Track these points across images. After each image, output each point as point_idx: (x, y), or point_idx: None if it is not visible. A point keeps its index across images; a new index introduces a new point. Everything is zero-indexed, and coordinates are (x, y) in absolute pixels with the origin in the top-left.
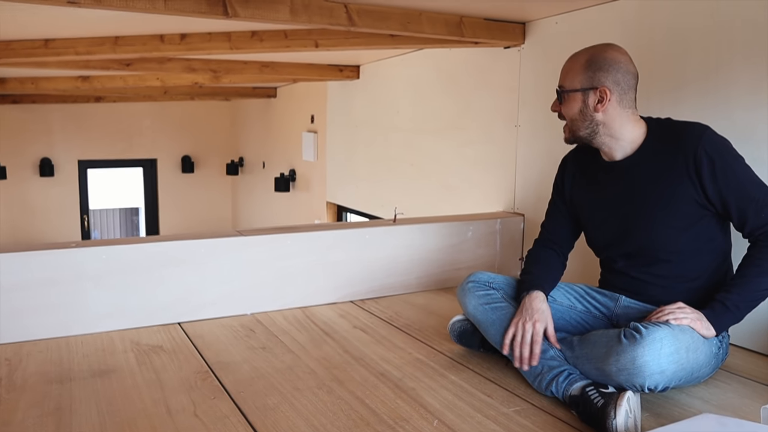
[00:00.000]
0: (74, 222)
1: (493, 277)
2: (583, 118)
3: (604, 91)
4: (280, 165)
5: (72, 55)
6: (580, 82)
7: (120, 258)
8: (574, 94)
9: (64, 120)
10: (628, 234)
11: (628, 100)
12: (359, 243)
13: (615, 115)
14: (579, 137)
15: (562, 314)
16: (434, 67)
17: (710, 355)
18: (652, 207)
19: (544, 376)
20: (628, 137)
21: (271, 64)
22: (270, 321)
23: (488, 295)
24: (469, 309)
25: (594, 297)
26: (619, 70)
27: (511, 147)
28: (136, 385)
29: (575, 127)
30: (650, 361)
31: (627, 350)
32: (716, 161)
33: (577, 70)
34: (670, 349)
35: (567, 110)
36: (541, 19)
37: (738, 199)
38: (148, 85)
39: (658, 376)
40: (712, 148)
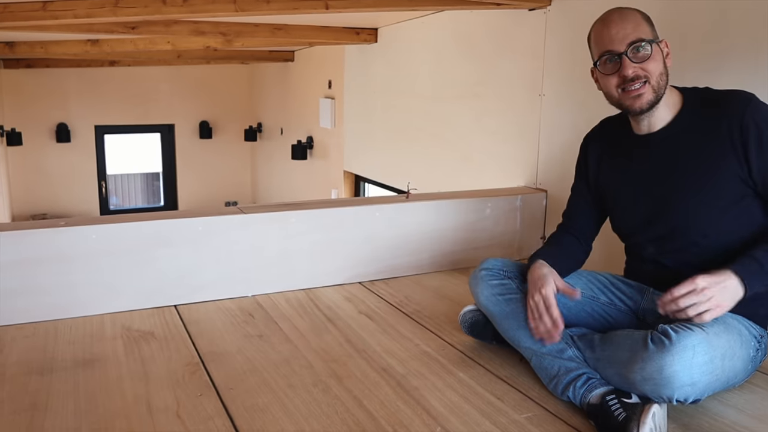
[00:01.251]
0: (92, 188)
1: (509, 264)
2: (665, 73)
3: (666, 43)
4: (297, 132)
5: (71, 18)
6: (653, 34)
7: (111, 237)
8: (657, 46)
9: (80, 85)
10: (661, 214)
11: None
12: (369, 221)
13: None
14: (660, 96)
15: (584, 306)
16: (454, 31)
17: (747, 359)
18: (691, 182)
19: (560, 379)
20: (670, 102)
21: (283, 27)
22: (271, 304)
23: (503, 284)
24: (481, 300)
25: (619, 288)
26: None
27: (534, 117)
28: (120, 377)
29: (662, 83)
30: (680, 371)
31: (654, 358)
32: (764, 130)
33: (645, 22)
34: (703, 358)
35: (654, 66)
36: None
37: None
38: (160, 48)
39: (688, 389)
40: (761, 116)
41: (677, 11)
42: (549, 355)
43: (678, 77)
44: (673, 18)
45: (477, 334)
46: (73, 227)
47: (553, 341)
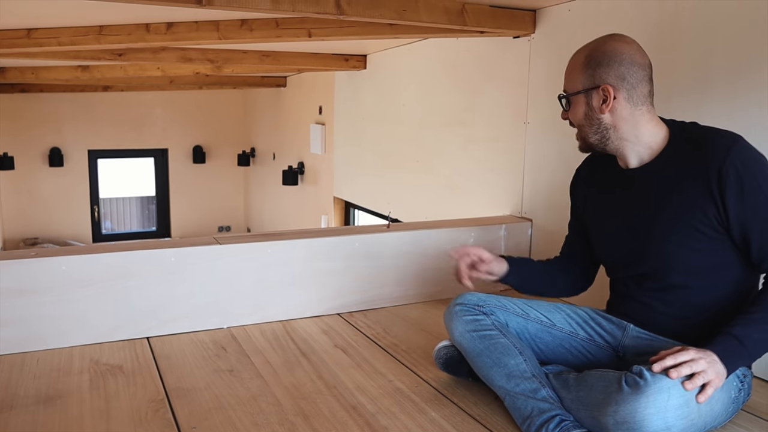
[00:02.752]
0: (85, 212)
1: (485, 299)
2: (590, 123)
3: (606, 89)
4: (289, 157)
5: (55, 45)
6: (581, 83)
7: (82, 269)
8: (576, 98)
9: (74, 109)
10: (640, 252)
11: (640, 96)
12: (348, 251)
13: (626, 115)
14: (590, 144)
15: (562, 341)
16: (440, 58)
17: (728, 402)
18: (667, 222)
19: (533, 420)
20: (644, 140)
21: (271, 54)
22: (246, 337)
23: (476, 320)
24: (455, 336)
25: (599, 323)
26: (623, 62)
27: (519, 146)
28: (80, 415)
29: (584, 134)
30: (654, 414)
31: (627, 400)
32: (745, 179)
33: (577, 70)
34: (678, 401)
35: (574, 116)
36: (553, 6)
37: (764, 227)
38: (150, 74)
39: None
40: (743, 164)
41: (662, 38)
42: (522, 394)
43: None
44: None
45: (452, 370)
46: (43, 258)
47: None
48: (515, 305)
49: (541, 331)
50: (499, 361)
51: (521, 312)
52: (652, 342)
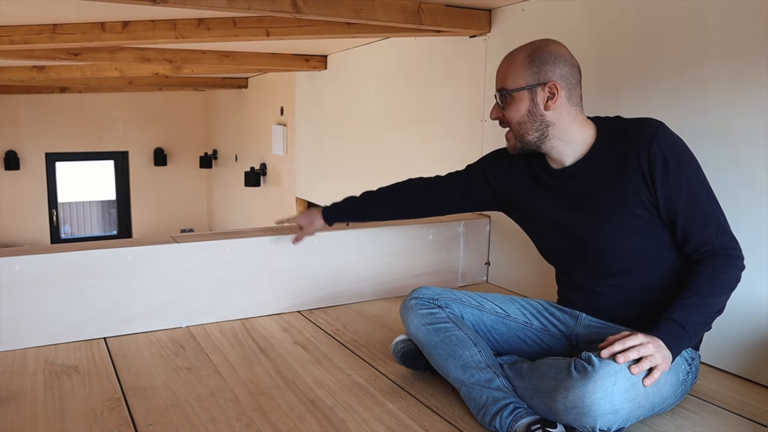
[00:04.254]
0: (43, 216)
1: (440, 292)
2: (533, 119)
3: (554, 86)
4: (251, 159)
5: (8, 44)
6: (525, 79)
7: (36, 269)
8: (519, 94)
9: (30, 111)
10: (583, 243)
11: (576, 96)
12: (307, 249)
13: (564, 113)
14: (527, 142)
15: (516, 331)
16: (399, 57)
17: (676, 384)
18: (606, 211)
19: (488, 409)
20: (578, 138)
21: (231, 54)
22: (205, 335)
23: (432, 314)
24: (411, 329)
25: (553, 314)
26: (566, 63)
27: (476, 143)
28: (34, 415)
29: (523, 131)
30: (601, 398)
31: (576, 386)
32: (670, 160)
33: (520, 67)
34: (625, 385)
35: (512, 113)
36: (507, 6)
37: (687, 208)
38: (108, 75)
39: (610, 416)
40: (667, 146)
41: (610, 35)
42: (477, 385)
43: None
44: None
45: (409, 363)
46: None
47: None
48: (470, 298)
49: (497, 322)
50: (454, 353)
51: (476, 304)
52: (603, 330)
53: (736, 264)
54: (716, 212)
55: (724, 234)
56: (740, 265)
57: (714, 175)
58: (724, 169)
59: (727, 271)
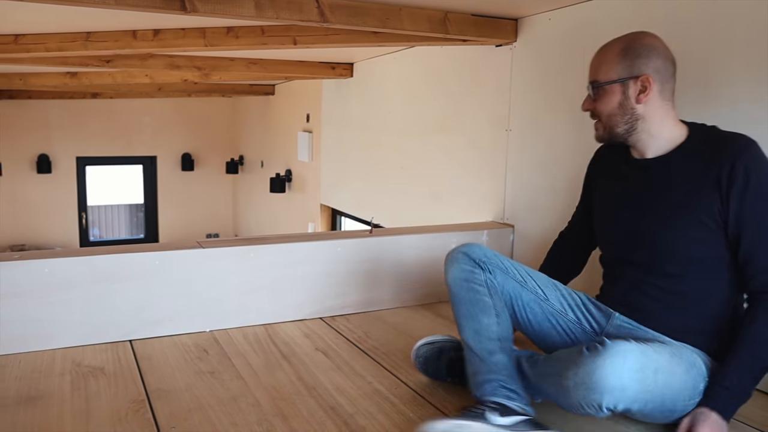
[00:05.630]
0: (72, 219)
1: (490, 256)
2: (623, 112)
3: (647, 80)
4: (277, 165)
5: (43, 51)
6: (617, 72)
7: (65, 271)
8: (611, 87)
9: (62, 116)
10: (641, 236)
11: (668, 91)
12: (330, 256)
13: (656, 108)
14: (615, 134)
15: (549, 316)
16: (424, 66)
17: (689, 386)
18: (674, 210)
19: (477, 378)
20: (666, 135)
21: (258, 61)
22: (228, 340)
23: (473, 272)
24: (448, 278)
25: (589, 309)
26: (660, 56)
27: (501, 153)
28: (61, 415)
29: (613, 123)
30: (610, 374)
31: (587, 362)
32: (752, 179)
33: (613, 60)
34: (634, 365)
35: (604, 106)
36: (534, 15)
37: (754, 231)
38: (138, 81)
39: (618, 393)
40: (754, 164)
41: None
42: (479, 352)
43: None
44: None
45: (431, 370)
46: (26, 260)
47: None
48: (517, 271)
49: (533, 302)
50: (474, 315)
51: (520, 278)
52: (633, 331)
53: None
54: None
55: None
56: None
57: None
58: None
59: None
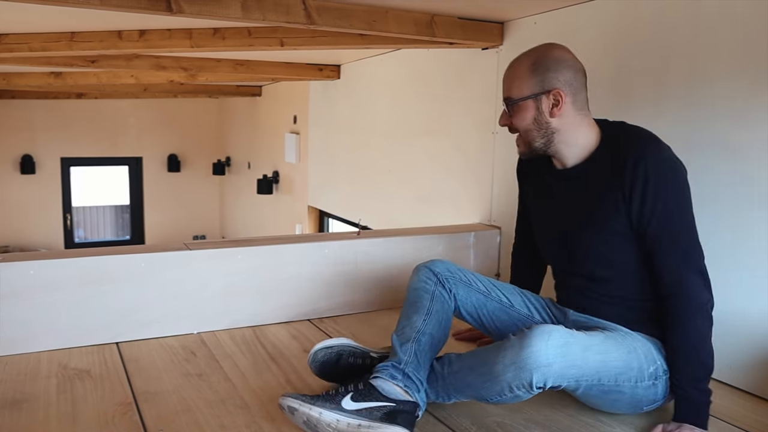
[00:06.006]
0: (57, 220)
1: (453, 273)
2: (538, 127)
3: (558, 93)
4: (264, 166)
5: (27, 51)
6: (529, 88)
7: (50, 273)
8: (525, 103)
9: (46, 116)
10: (570, 247)
11: (582, 101)
12: (317, 257)
13: (570, 119)
14: (535, 149)
15: (517, 322)
16: (410, 69)
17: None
18: (590, 218)
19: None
20: (581, 143)
21: (245, 63)
22: (216, 342)
23: (426, 283)
24: (409, 283)
25: (551, 309)
26: (569, 68)
27: (488, 155)
28: (46, 419)
29: (530, 138)
30: (536, 351)
31: (514, 344)
32: (650, 175)
33: (524, 76)
34: (558, 341)
35: (519, 121)
36: (520, 19)
37: (657, 228)
38: (124, 82)
39: (545, 369)
40: (653, 161)
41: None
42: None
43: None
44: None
45: (330, 377)
46: (10, 263)
47: None
48: (480, 283)
49: (499, 311)
50: (408, 315)
51: (483, 290)
52: (588, 322)
53: (700, 314)
54: (687, 243)
55: (687, 268)
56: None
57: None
58: (735, 185)
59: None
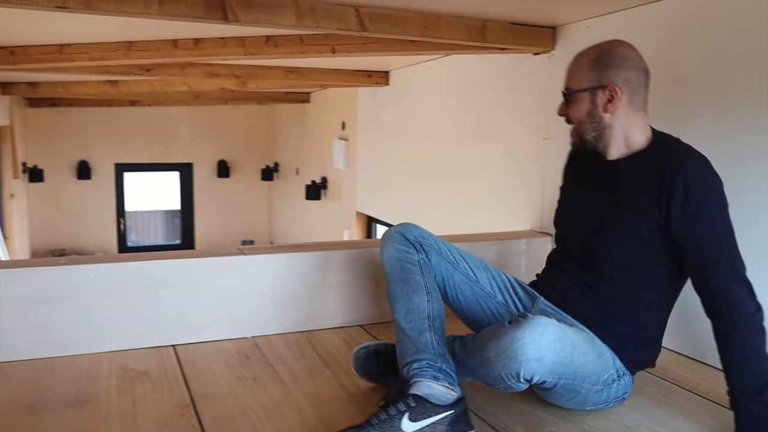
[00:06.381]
0: (111, 225)
1: (426, 237)
2: (591, 120)
3: (614, 90)
4: (312, 172)
5: (86, 60)
6: (587, 81)
7: (110, 277)
8: (581, 95)
9: (101, 123)
10: (585, 235)
11: (639, 101)
12: (369, 264)
13: (624, 117)
14: (586, 141)
15: (479, 298)
16: (460, 74)
17: (598, 371)
18: (614, 217)
19: (405, 357)
20: (631, 142)
21: (296, 70)
22: (269, 346)
23: (406, 252)
24: (383, 257)
25: (517, 292)
26: (630, 66)
27: (539, 161)
28: (108, 418)
29: (582, 130)
30: (528, 344)
31: (507, 332)
32: (692, 189)
33: (584, 69)
34: (552, 337)
35: (574, 112)
36: (573, 23)
37: (699, 241)
38: (176, 89)
39: (534, 363)
40: (696, 176)
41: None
42: (409, 332)
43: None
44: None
45: (371, 372)
46: (72, 266)
47: None
48: (450, 252)
49: (464, 284)
50: (406, 295)
51: (453, 260)
52: (556, 315)
53: (753, 325)
54: (730, 253)
55: (733, 278)
56: (755, 321)
57: None
58: None
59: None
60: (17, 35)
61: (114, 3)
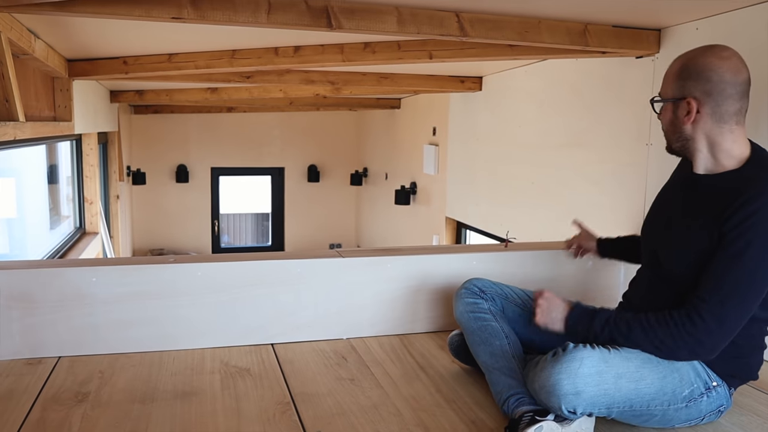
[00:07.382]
0: (206, 226)
1: (489, 285)
2: (674, 130)
3: (690, 103)
4: (401, 177)
5: (192, 68)
6: (671, 91)
7: (216, 275)
8: (665, 104)
9: (199, 129)
10: (658, 249)
11: (726, 114)
12: (467, 269)
13: (707, 130)
14: (673, 149)
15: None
16: (558, 79)
17: (667, 391)
18: (683, 232)
19: (501, 395)
20: (719, 157)
21: (389, 76)
22: (365, 348)
23: (475, 303)
24: (456, 314)
25: None
26: (711, 79)
27: (641, 168)
28: (214, 411)
29: (668, 138)
30: (564, 379)
31: (546, 367)
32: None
33: (670, 78)
34: (590, 370)
35: (663, 120)
36: (679, 25)
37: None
38: (272, 96)
39: (572, 398)
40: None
41: None
42: (498, 370)
43: None
44: None
45: (462, 356)
46: (181, 264)
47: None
48: (515, 294)
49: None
50: (486, 340)
51: (519, 302)
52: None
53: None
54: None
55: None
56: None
57: None
58: None
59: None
60: (130, 46)
61: (225, 12)
